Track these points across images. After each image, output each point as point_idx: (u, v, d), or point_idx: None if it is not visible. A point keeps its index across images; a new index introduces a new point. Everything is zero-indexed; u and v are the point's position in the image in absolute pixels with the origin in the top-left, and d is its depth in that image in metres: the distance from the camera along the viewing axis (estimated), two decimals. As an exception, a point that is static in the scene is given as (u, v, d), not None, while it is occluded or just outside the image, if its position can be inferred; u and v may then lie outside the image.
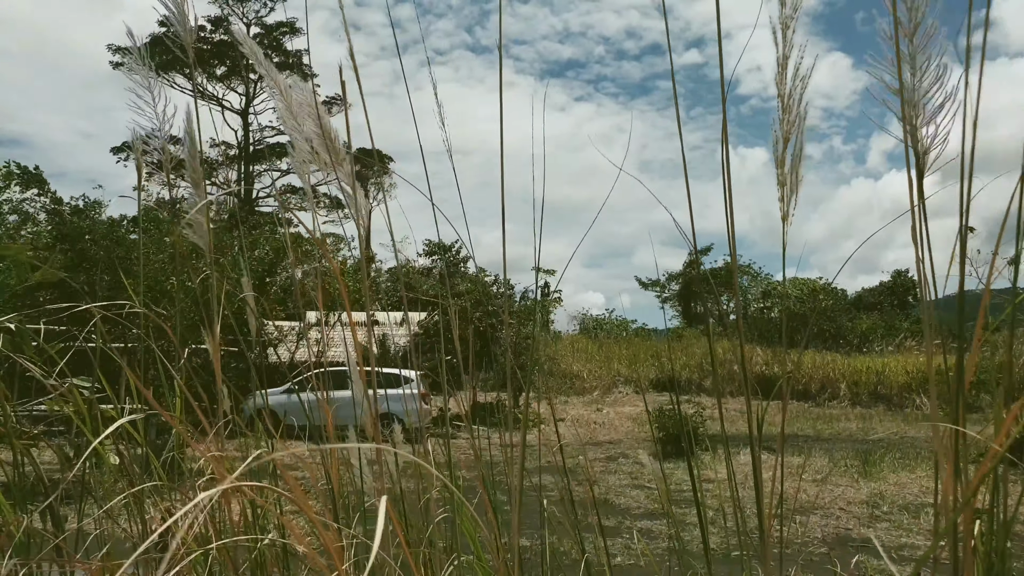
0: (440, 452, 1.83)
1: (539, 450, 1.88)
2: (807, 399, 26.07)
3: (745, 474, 1.38)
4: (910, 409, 23.84)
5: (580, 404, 24.90)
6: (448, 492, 1.64)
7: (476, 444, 1.72)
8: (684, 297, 47.28)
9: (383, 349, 23.44)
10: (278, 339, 18.54)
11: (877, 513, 8.77)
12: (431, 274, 39.78)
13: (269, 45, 43.92)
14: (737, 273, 1.45)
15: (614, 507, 9.25)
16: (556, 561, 1.92)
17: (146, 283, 13.17)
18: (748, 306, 45.90)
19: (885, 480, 10.80)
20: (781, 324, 37.34)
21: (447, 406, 2.38)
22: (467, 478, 2.09)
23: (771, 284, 46.33)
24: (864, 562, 6.75)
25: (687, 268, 46.37)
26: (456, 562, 1.67)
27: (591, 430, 19.18)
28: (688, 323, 43.91)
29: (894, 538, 7.67)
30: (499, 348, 20.58)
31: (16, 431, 1.79)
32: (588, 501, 1.83)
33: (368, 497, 1.71)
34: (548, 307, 44.02)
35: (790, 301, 39.42)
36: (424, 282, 28.28)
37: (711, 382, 26.98)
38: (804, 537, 7.58)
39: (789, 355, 29.12)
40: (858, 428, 19.07)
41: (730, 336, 29.98)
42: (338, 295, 1.32)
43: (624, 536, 7.59)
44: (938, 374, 1.22)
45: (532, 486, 1.77)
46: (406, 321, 2.15)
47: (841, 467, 11.83)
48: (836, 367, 27.19)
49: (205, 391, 1.74)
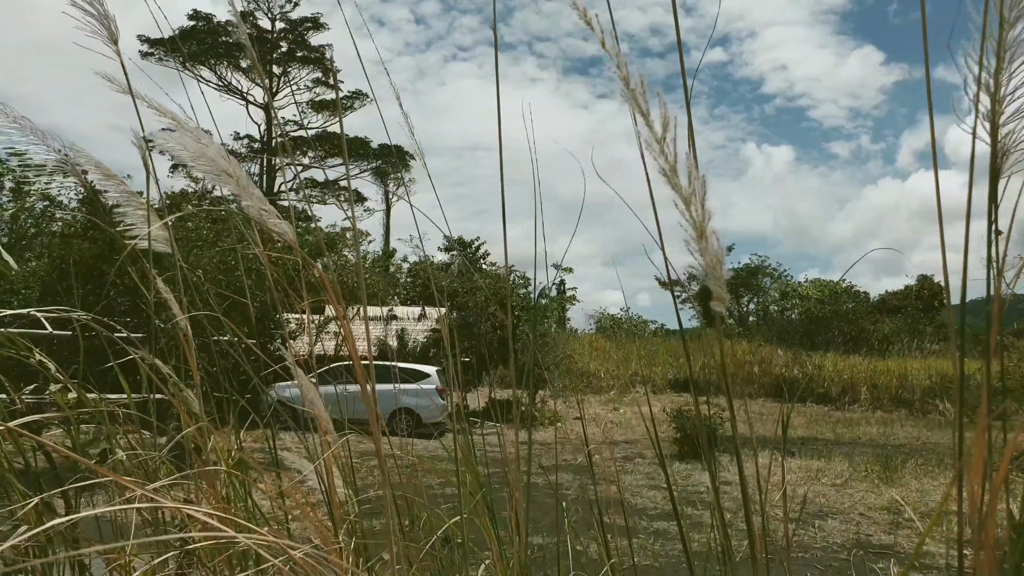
0: (458, 448, 1.83)
1: (556, 448, 1.86)
2: (827, 403, 25.82)
3: (762, 477, 1.36)
4: (933, 414, 23.54)
5: (597, 403, 24.85)
6: (457, 487, 1.64)
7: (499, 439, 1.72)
8: (703, 297, 46.83)
9: (401, 344, 23.55)
10: (298, 332, 18.66)
11: (899, 520, 8.67)
12: (449, 270, 39.87)
13: (294, 40, 44.19)
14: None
15: (630, 507, 9.22)
16: (575, 561, 1.91)
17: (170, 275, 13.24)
18: (767, 307, 45.57)
19: (907, 486, 10.67)
20: (800, 327, 37.05)
21: (464, 402, 2.37)
22: (482, 475, 2.08)
23: (790, 285, 45.88)
24: (885, 569, 6.67)
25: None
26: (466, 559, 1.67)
27: (608, 429, 19.13)
28: (707, 324, 43.52)
29: (916, 545, 7.58)
30: (516, 344, 20.63)
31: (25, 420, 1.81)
32: (605, 500, 1.81)
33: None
34: (564, 305, 43.94)
35: (811, 303, 39.06)
36: (443, 278, 28.34)
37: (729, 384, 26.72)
38: (824, 542, 7.51)
39: (810, 358, 28.89)
40: (879, 433, 18.85)
41: (748, 338, 29.69)
42: (357, 289, 1.32)
43: (640, 536, 7.56)
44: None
45: (548, 484, 1.76)
46: (424, 317, 2.15)
47: (861, 472, 11.71)
48: (857, 370, 26.90)
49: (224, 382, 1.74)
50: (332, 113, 43.36)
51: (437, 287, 15.27)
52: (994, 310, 1.00)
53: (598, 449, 14.60)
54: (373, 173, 47.55)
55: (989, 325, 1.02)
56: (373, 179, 48.29)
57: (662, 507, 9.24)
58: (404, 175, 45.61)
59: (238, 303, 1.85)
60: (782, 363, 27.70)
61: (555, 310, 36.03)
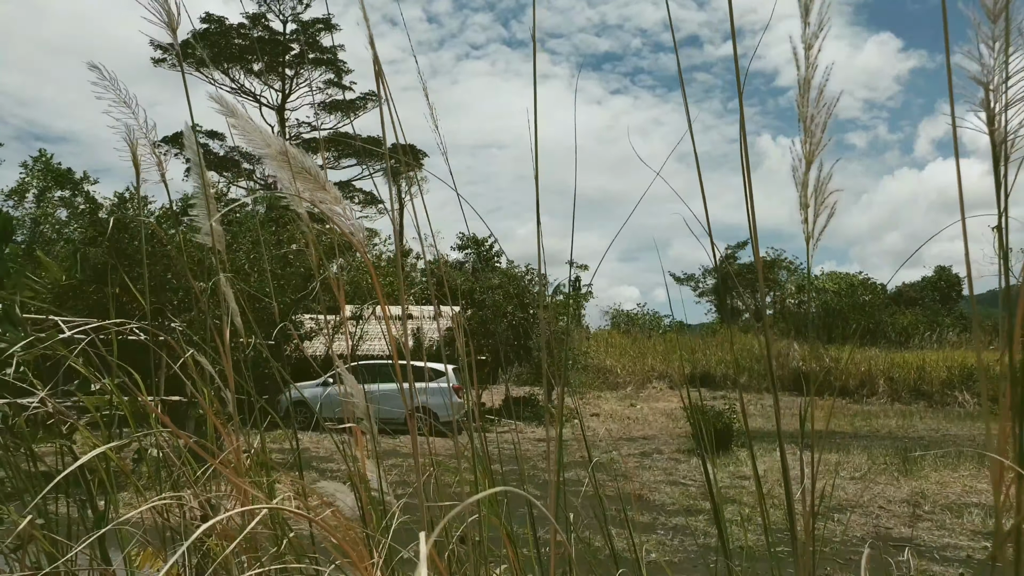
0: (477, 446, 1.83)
1: (575, 444, 1.86)
2: (845, 395, 25.64)
3: (779, 471, 1.35)
4: (952, 406, 23.33)
5: (613, 399, 24.81)
6: (474, 484, 1.64)
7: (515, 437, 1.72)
8: (719, 292, 46.77)
9: (417, 343, 23.56)
10: (314, 332, 18.75)
11: (919, 512, 8.60)
12: (463, 268, 39.90)
13: (305, 41, 44.32)
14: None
15: (648, 503, 9.20)
16: (592, 557, 1.91)
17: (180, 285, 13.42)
18: (784, 301, 45.26)
19: (926, 479, 10.59)
20: (816, 320, 36.78)
21: (480, 399, 2.37)
22: (502, 472, 2.08)
23: (805, 279, 45.58)
24: (906, 562, 6.61)
25: (722, 263, 45.79)
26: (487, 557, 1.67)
27: (625, 425, 19.09)
28: (723, 319, 43.43)
29: (936, 538, 7.52)
30: (533, 342, 20.60)
31: (57, 423, 1.83)
32: (623, 496, 1.81)
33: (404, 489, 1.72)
34: (580, 301, 43.86)
35: (828, 296, 38.78)
36: (457, 276, 28.35)
37: (746, 379, 26.65)
38: (844, 535, 7.46)
39: (827, 351, 28.69)
40: (898, 425, 18.71)
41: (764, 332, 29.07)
42: (371, 289, 1.32)
43: (659, 532, 7.55)
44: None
45: (565, 480, 1.76)
46: (438, 315, 2.15)
47: (880, 465, 11.63)
48: (875, 363, 26.68)
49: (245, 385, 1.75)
50: (345, 114, 43.50)
51: (452, 285, 15.26)
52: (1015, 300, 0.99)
53: (616, 445, 14.59)
54: (385, 173, 47.52)
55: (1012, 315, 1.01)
56: (385, 178, 48.25)
57: (680, 503, 9.22)
58: (416, 174, 45.63)
59: (260, 303, 1.86)
60: (799, 356, 27.52)
61: (575, 306, 35.99)
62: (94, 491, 1.76)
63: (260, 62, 43.51)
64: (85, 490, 1.76)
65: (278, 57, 43.88)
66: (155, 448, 1.80)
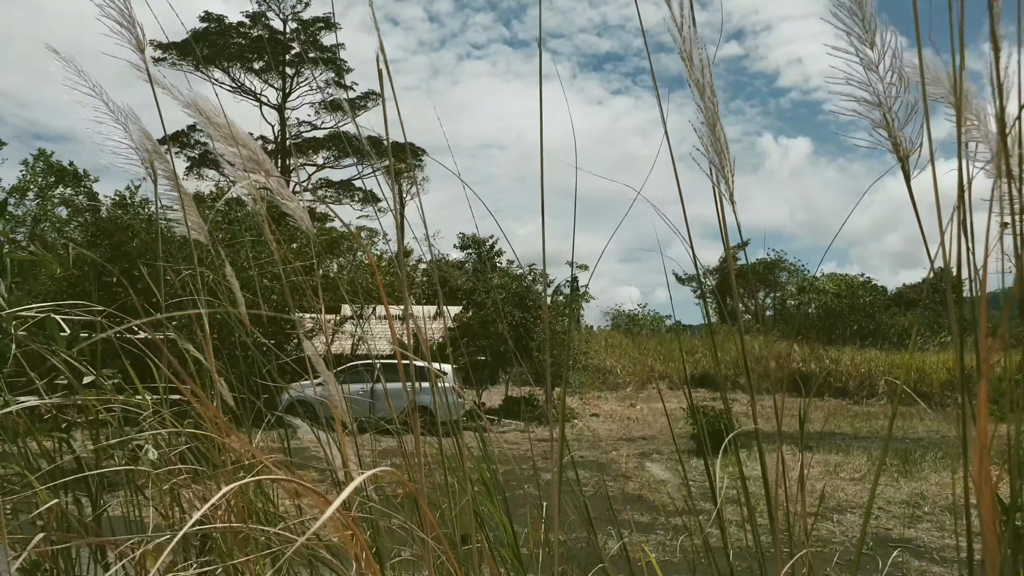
0: (476, 446, 1.83)
1: (576, 444, 1.87)
2: (845, 397, 25.65)
3: (779, 472, 1.36)
4: (952, 407, 23.32)
5: (614, 399, 24.82)
6: (473, 485, 1.64)
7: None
8: (719, 293, 46.70)
9: (417, 342, 23.54)
10: (314, 331, 18.74)
11: (918, 513, 8.60)
12: (464, 268, 39.91)
13: (306, 41, 44.32)
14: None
15: (648, 503, 9.20)
16: (592, 557, 1.91)
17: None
18: (784, 301, 45.29)
19: (926, 480, 10.59)
20: (817, 321, 36.81)
21: (480, 399, 2.38)
22: (501, 472, 2.09)
23: (806, 279, 45.52)
24: (905, 562, 6.63)
25: (723, 263, 45.78)
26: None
27: (625, 426, 19.09)
28: (723, 319, 43.38)
29: (936, 539, 7.52)
30: (533, 342, 20.61)
31: (51, 420, 1.83)
32: (622, 496, 1.81)
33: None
34: (580, 302, 43.84)
35: (827, 297, 38.77)
36: (458, 276, 28.36)
37: (745, 379, 26.57)
38: (843, 536, 7.46)
39: (827, 352, 28.71)
40: (897, 427, 18.71)
41: (764, 332, 29.40)
42: (374, 288, 1.33)
43: (659, 532, 7.55)
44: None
45: (565, 480, 1.76)
46: (440, 315, 2.15)
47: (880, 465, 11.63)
48: (875, 364, 26.70)
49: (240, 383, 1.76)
50: (345, 113, 43.50)
51: (452, 286, 15.28)
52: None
53: (615, 445, 14.60)
54: (385, 172, 47.48)
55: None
56: (385, 177, 48.22)
57: (680, 503, 9.20)
58: (416, 174, 45.67)
59: (254, 303, 1.86)
60: (799, 358, 27.54)
61: (575, 307, 35.99)
62: (93, 489, 1.76)
63: (260, 61, 43.52)
64: (86, 489, 1.77)
65: (278, 56, 43.88)
66: (155, 448, 1.80)
